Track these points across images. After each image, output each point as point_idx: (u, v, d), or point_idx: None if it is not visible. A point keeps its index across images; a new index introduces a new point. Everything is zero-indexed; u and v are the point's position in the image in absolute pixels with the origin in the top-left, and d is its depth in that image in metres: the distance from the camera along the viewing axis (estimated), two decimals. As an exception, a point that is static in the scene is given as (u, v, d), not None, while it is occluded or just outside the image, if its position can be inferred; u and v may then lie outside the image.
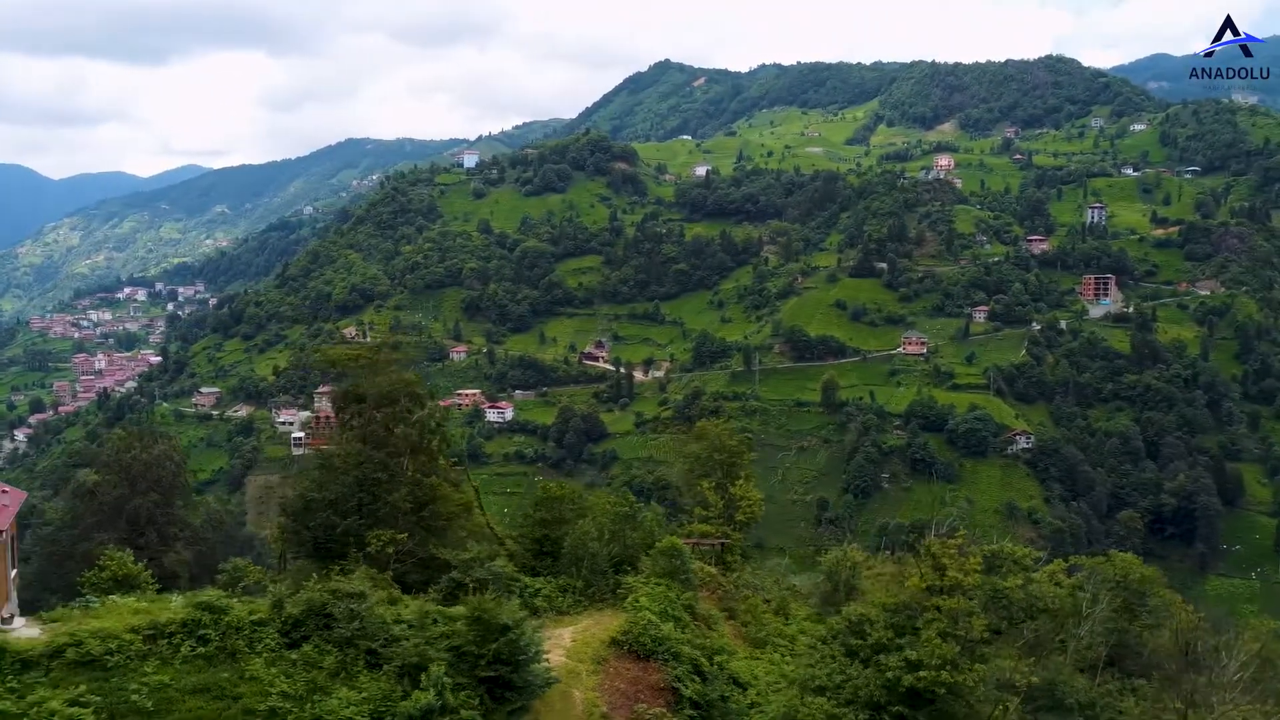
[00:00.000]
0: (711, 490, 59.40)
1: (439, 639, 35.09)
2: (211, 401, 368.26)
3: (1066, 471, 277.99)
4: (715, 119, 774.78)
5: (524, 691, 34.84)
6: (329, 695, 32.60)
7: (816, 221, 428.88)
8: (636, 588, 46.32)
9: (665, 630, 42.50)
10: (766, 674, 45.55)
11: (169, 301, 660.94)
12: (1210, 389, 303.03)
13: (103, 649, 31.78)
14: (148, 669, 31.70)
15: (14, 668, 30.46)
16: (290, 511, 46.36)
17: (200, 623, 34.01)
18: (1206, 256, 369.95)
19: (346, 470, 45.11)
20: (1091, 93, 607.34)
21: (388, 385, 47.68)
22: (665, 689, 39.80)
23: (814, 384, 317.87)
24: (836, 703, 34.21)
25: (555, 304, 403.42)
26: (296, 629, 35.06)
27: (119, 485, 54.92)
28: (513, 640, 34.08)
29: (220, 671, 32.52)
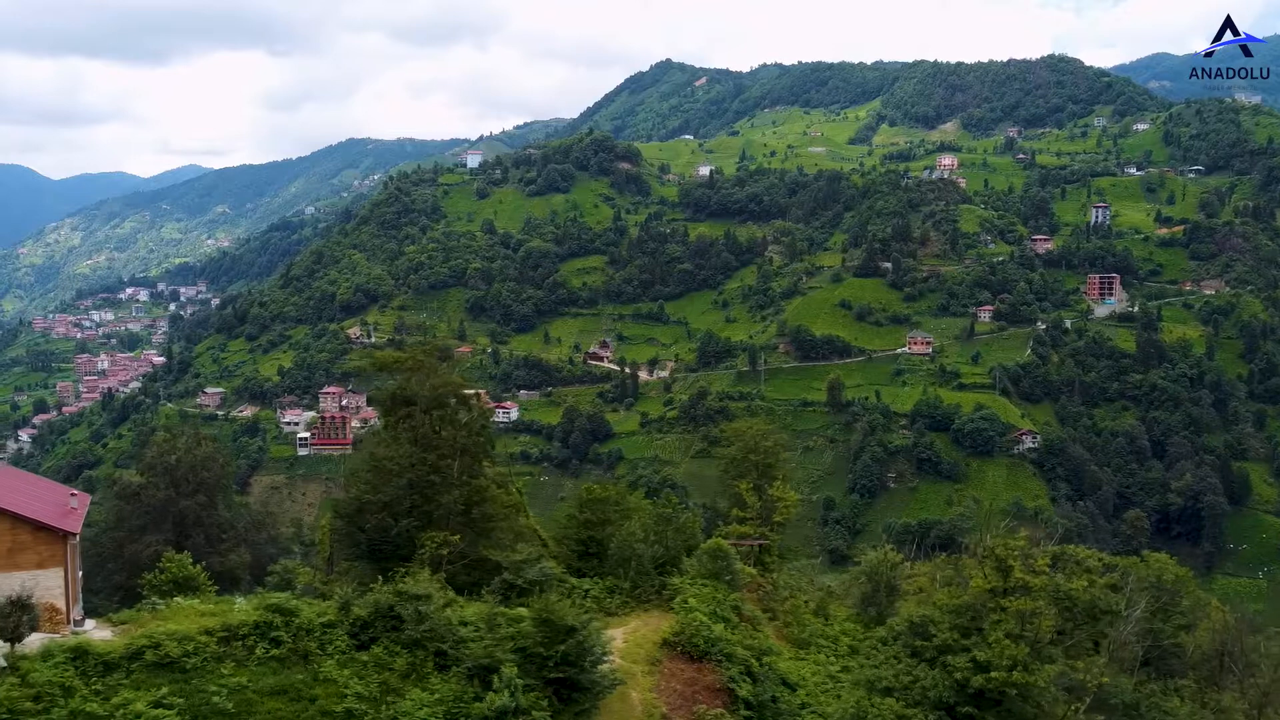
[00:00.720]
0: (749, 491, 59.57)
1: (506, 640, 35.24)
2: (216, 402, 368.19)
3: (1073, 471, 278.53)
4: (717, 119, 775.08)
5: (591, 693, 35.04)
6: (402, 697, 32.83)
7: (820, 221, 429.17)
8: (683, 588, 46.50)
9: (717, 631, 42.71)
10: (813, 675, 45.72)
11: (171, 302, 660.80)
12: (1216, 388, 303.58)
13: (180, 651, 32.00)
14: (224, 671, 31.93)
15: (97, 669, 30.69)
16: (344, 514, 46.54)
17: (272, 625, 34.22)
18: (1211, 256, 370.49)
19: (399, 473, 45.29)
20: (1094, 92, 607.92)
21: (437, 388, 47.83)
22: (721, 690, 39.99)
23: (819, 384, 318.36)
24: (905, 703, 34.44)
25: (559, 304, 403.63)
26: (364, 630, 35.29)
27: (165, 487, 55.18)
28: (580, 641, 34.30)
29: (294, 673, 32.74)
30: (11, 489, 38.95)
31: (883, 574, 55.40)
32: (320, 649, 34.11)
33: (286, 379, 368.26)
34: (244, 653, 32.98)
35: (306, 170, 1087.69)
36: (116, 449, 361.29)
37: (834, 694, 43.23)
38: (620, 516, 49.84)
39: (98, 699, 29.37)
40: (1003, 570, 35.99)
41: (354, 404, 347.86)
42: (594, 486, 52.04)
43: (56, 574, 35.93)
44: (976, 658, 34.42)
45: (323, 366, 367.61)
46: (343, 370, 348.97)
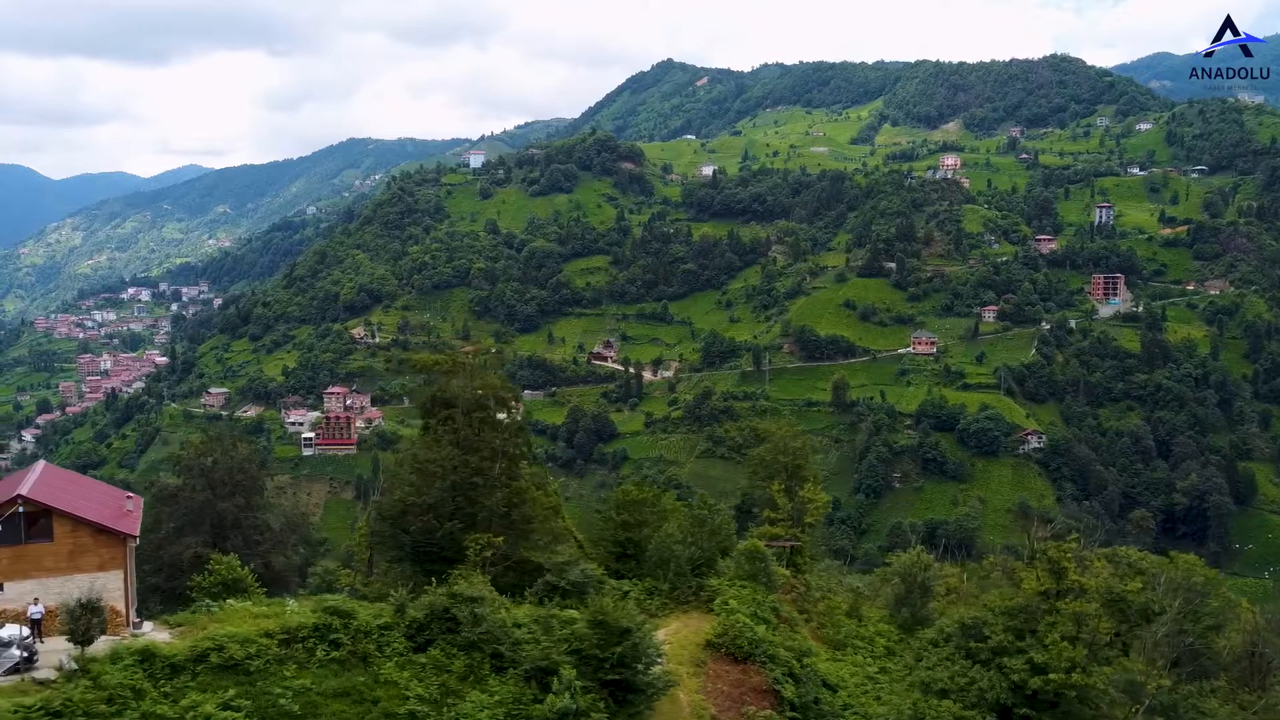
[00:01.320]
0: (781, 493, 59.64)
1: (561, 642, 35.37)
2: (220, 402, 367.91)
3: (1078, 471, 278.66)
4: (719, 119, 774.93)
5: (645, 694, 35.16)
6: (462, 699, 32.98)
7: (824, 221, 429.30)
8: (722, 590, 46.62)
9: (760, 633, 42.82)
10: (852, 677, 45.83)
11: (173, 302, 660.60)
12: (1221, 388, 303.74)
13: (243, 653, 32.14)
14: (287, 673, 32.06)
15: (164, 672, 30.80)
16: (387, 516, 46.62)
17: (331, 627, 34.36)
18: (1215, 256, 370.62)
19: (442, 475, 45.37)
20: (1096, 92, 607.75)
21: (477, 390, 47.92)
22: (767, 692, 40.09)
23: (824, 384, 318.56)
24: (962, 705, 34.54)
25: (563, 304, 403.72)
26: (420, 633, 35.42)
27: (202, 489, 55.24)
28: (634, 643, 34.42)
29: (356, 675, 32.89)
30: (71, 492, 39.07)
31: (916, 575, 55.47)
32: (378, 651, 34.26)
33: (290, 379, 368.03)
34: (305, 655, 33.13)
35: (307, 170, 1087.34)
36: (121, 449, 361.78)
37: (874, 695, 43.32)
38: (657, 518, 49.93)
39: (167, 701, 29.51)
40: (1055, 572, 36.10)
41: (358, 404, 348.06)
42: (630, 488, 52.18)
43: (117, 576, 36.05)
44: (1034, 659, 34.54)
45: (327, 367, 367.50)
46: (387, 369, 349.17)
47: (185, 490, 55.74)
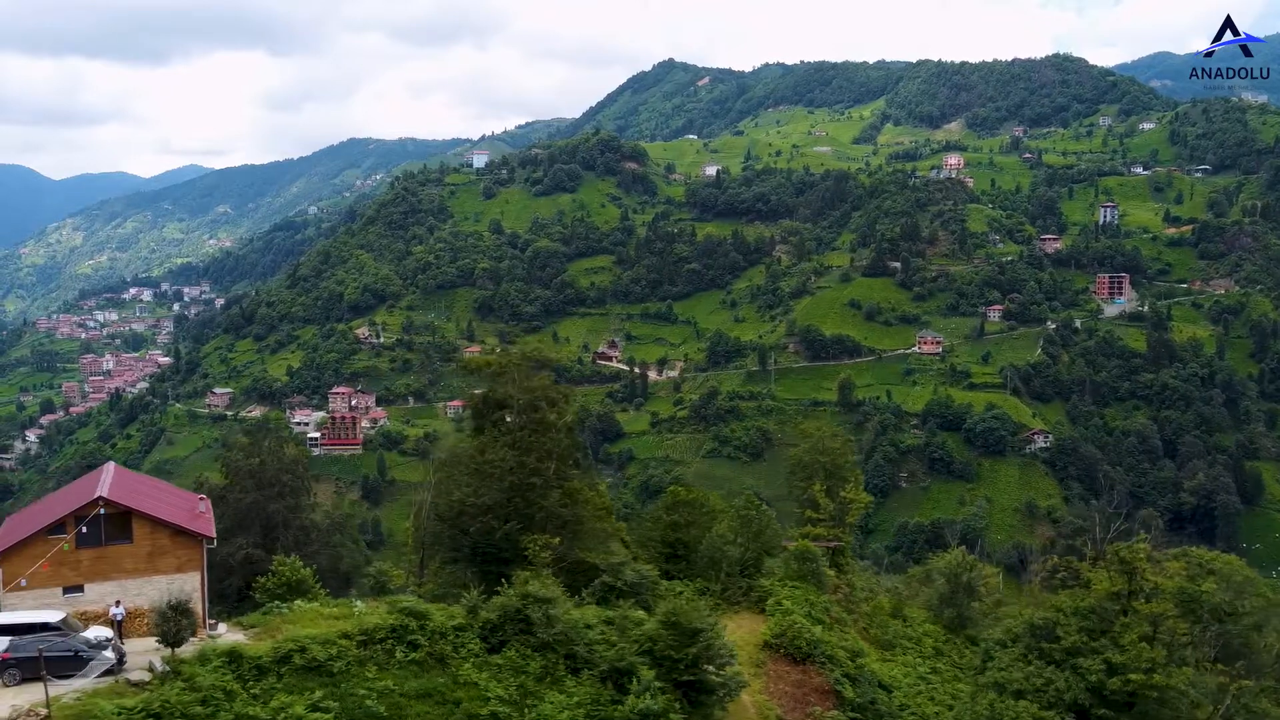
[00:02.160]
0: (823, 493, 59.60)
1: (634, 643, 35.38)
2: (225, 402, 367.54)
3: (1085, 470, 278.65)
4: (721, 118, 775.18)
5: (718, 695, 35.18)
6: (540, 700, 33.01)
7: (828, 221, 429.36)
8: (775, 590, 46.60)
9: (817, 633, 42.83)
10: (905, 677, 45.84)
11: (175, 302, 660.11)
12: (1227, 388, 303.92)
13: (325, 655, 32.18)
14: (368, 674, 32.12)
15: (251, 673, 30.82)
16: (445, 517, 46.60)
17: (407, 628, 34.38)
18: (1220, 255, 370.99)
19: (500, 476, 45.37)
20: (1099, 91, 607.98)
21: (532, 392, 47.94)
22: (828, 692, 40.11)
23: (829, 383, 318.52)
24: (1040, 705, 34.56)
25: (568, 304, 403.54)
26: (494, 634, 35.44)
27: (251, 490, 55.18)
28: (708, 643, 34.43)
29: (435, 676, 32.95)
30: (146, 494, 39.03)
31: (961, 575, 55.44)
32: (454, 652, 34.28)
33: (295, 379, 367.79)
34: (384, 656, 33.16)
35: (308, 170, 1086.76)
36: (125, 449, 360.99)
37: (927, 695, 43.32)
38: (707, 519, 49.91)
39: (257, 703, 29.55)
40: (1127, 573, 36.14)
41: (363, 404, 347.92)
42: (679, 489, 52.18)
43: (194, 578, 36.06)
44: (1111, 660, 34.54)
45: (331, 367, 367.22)
46: (452, 372, 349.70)
47: (233, 491, 55.75)
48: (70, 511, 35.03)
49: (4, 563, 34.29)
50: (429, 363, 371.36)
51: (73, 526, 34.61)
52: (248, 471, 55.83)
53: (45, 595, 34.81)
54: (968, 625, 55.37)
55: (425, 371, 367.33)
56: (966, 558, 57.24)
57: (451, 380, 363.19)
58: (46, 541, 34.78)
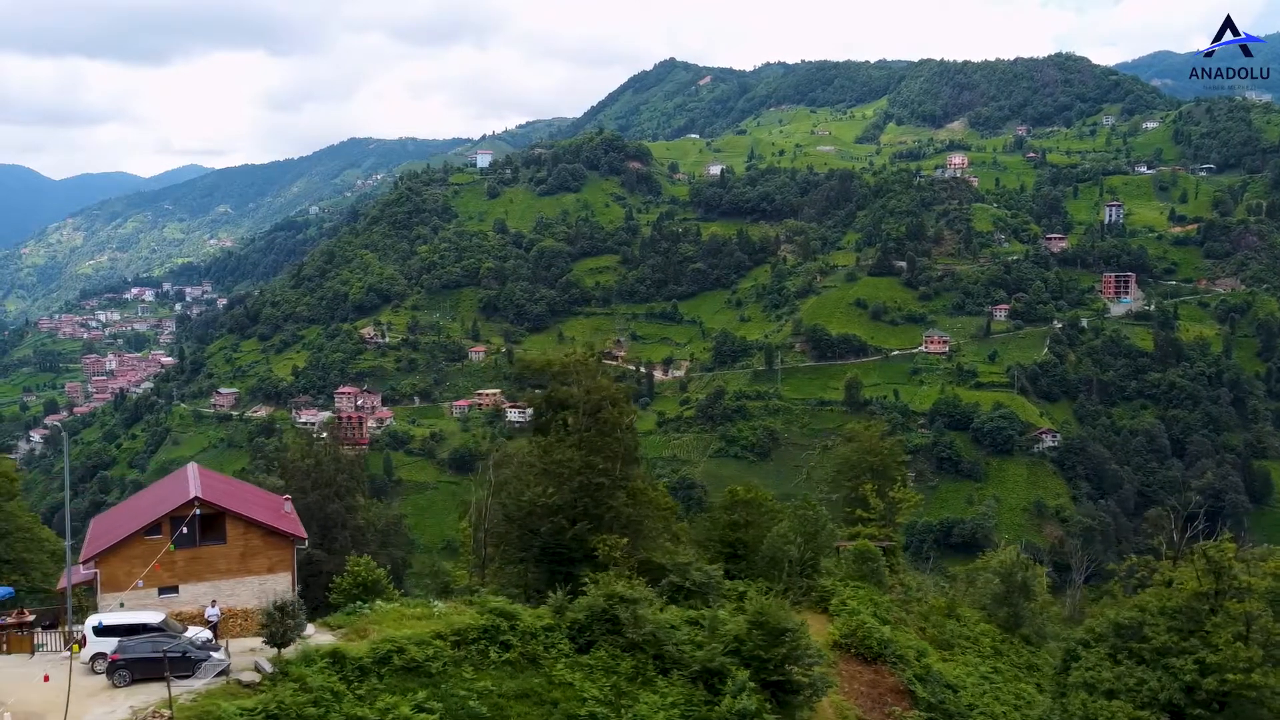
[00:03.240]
0: (874, 494, 59.57)
1: (722, 644, 35.35)
2: (230, 402, 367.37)
3: (1093, 470, 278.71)
4: (722, 118, 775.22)
5: (806, 695, 35.14)
6: (635, 700, 32.99)
7: (833, 220, 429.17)
8: (837, 590, 46.58)
9: (885, 633, 42.80)
10: (968, 677, 45.77)
11: (176, 302, 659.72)
12: (1235, 386, 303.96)
13: (423, 655, 32.18)
14: (466, 674, 32.15)
15: (354, 674, 30.78)
16: (515, 517, 46.53)
17: (499, 629, 34.35)
18: (1225, 254, 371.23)
19: (569, 477, 45.34)
20: (1101, 91, 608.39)
21: (596, 393, 47.90)
22: (902, 692, 40.09)
23: (836, 383, 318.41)
24: (1135, 705, 34.50)
25: (573, 303, 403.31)
26: (581, 634, 35.41)
27: (309, 490, 55.08)
28: (795, 643, 34.40)
29: (531, 677, 32.94)
30: (235, 494, 38.98)
31: (1016, 575, 55.40)
32: (545, 652, 34.26)
33: (301, 379, 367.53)
34: (478, 656, 33.14)
35: (308, 170, 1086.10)
36: (130, 449, 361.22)
37: (992, 695, 43.27)
38: (767, 519, 49.85)
39: (363, 703, 29.54)
40: (1215, 572, 36.10)
41: (369, 404, 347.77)
42: (738, 489, 52.10)
43: (285, 579, 36.02)
44: (1204, 659, 34.50)
45: (337, 366, 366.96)
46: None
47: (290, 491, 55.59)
48: (166, 513, 34.98)
49: (102, 564, 34.25)
50: (434, 362, 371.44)
51: (169, 527, 34.56)
52: (304, 472, 55.80)
53: (141, 596, 34.77)
54: (1022, 625, 55.48)
55: (431, 371, 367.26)
56: (1020, 557, 57.31)
57: (457, 380, 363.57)
58: (144, 542, 34.75)
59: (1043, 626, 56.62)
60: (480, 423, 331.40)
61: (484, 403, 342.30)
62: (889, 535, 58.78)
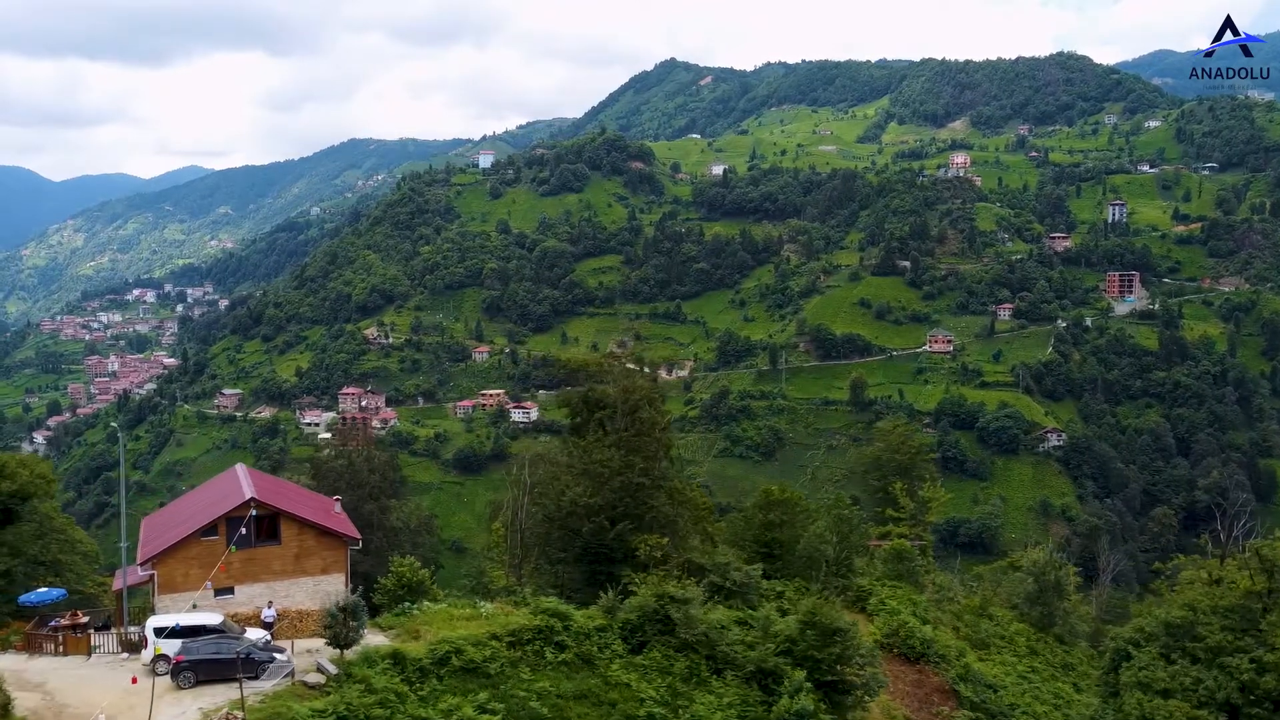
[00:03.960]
0: (903, 493, 59.46)
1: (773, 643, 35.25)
2: (234, 403, 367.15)
3: (1099, 469, 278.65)
4: (724, 118, 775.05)
5: (858, 694, 35.06)
6: (691, 700, 32.91)
7: (836, 220, 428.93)
8: (875, 590, 46.49)
9: (927, 633, 42.72)
10: (1006, 676, 45.67)
11: (178, 303, 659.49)
12: (1239, 385, 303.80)
13: (481, 656, 32.09)
14: (524, 675, 32.06)
15: (415, 675, 30.71)
16: (555, 518, 46.42)
17: (553, 630, 34.27)
18: (1230, 253, 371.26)
19: (609, 477, 45.22)
20: (1103, 90, 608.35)
21: (633, 393, 47.78)
22: (947, 692, 39.99)
23: (840, 382, 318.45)
24: (1192, 705, 34.43)
25: (576, 304, 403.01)
26: (634, 634, 35.31)
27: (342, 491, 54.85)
28: (848, 643, 34.31)
29: (588, 677, 32.85)
30: (287, 495, 38.88)
31: (1049, 574, 55.32)
32: (599, 652, 34.18)
33: (304, 380, 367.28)
34: (534, 657, 33.06)
35: (308, 171, 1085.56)
36: (134, 450, 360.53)
37: (1031, 694, 43.17)
38: (803, 518, 49.75)
39: (426, 704, 29.48)
40: (1268, 571, 36.01)
41: (373, 404, 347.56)
42: (772, 489, 51.99)
43: (338, 580, 35.96)
44: (1262, 659, 34.40)
45: (341, 367, 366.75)
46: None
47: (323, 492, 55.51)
48: (223, 514, 34.87)
49: (158, 566, 34.14)
50: (438, 363, 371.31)
51: (225, 528, 34.46)
52: (337, 473, 55.66)
53: (197, 597, 34.65)
54: (1055, 624, 55.39)
55: (434, 372, 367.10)
56: (1054, 557, 57.20)
57: (461, 380, 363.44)
58: (200, 543, 34.66)
59: (1074, 626, 56.65)
60: (484, 423, 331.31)
61: (488, 403, 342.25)
62: (919, 535, 58.72)
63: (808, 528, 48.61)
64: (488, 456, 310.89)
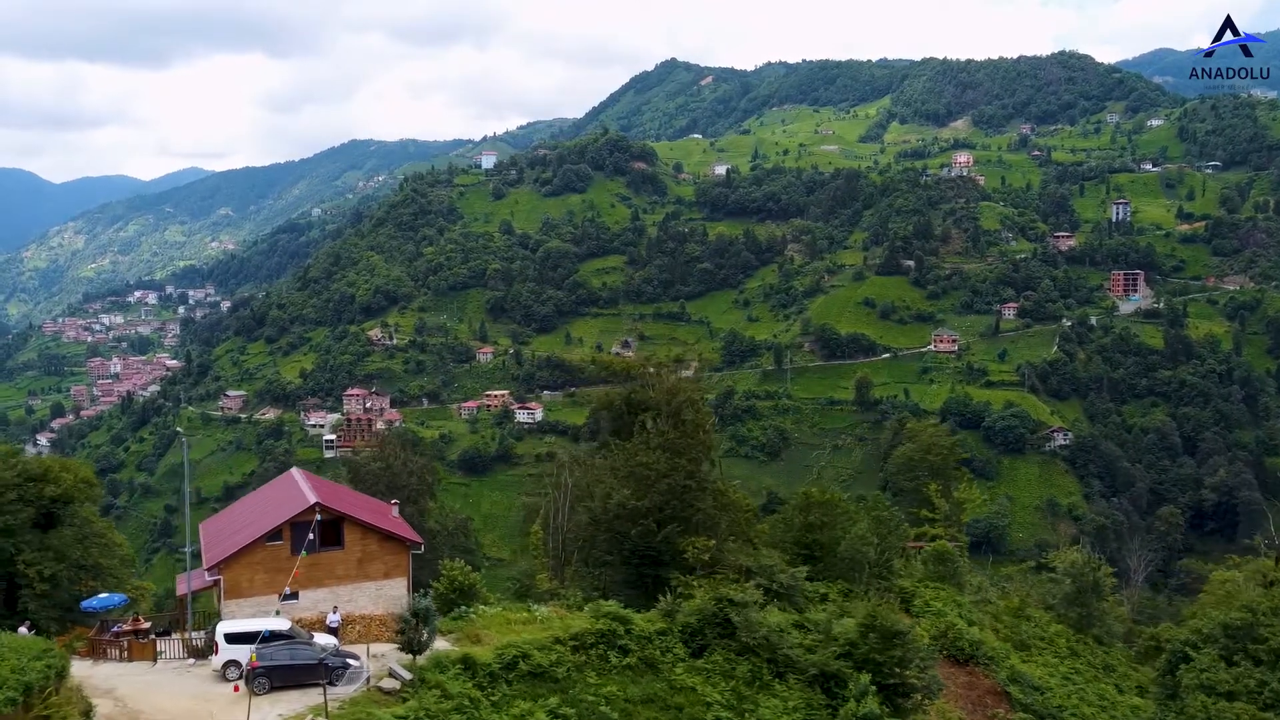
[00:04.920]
0: (938, 494, 59.33)
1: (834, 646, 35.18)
2: (238, 405, 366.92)
3: (1105, 468, 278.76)
4: (725, 118, 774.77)
5: (919, 698, 34.97)
6: (755, 704, 32.82)
7: (839, 220, 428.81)
8: (919, 592, 46.38)
9: (974, 635, 42.61)
10: (1051, 678, 45.56)
11: (180, 305, 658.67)
12: (1245, 384, 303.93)
13: (547, 661, 32.01)
14: (590, 679, 31.98)
15: (486, 680, 30.63)
16: (602, 520, 46.29)
17: (615, 634, 34.18)
18: (1234, 251, 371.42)
19: (655, 480, 45.08)
20: (1105, 89, 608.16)
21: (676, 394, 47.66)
22: (999, 694, 39.92)
23: (846, 382, 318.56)
24: (1258, 707, 34.38)
25: (580, 304, 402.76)
26: (694, 638, 35.24)
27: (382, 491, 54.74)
28: (909, 646, 34.24)
29: (653, 682, 32.76)
30: (347, 499, 38.75)
31: (1088, 575, 55.22)
32: (661, 656, 34.11)
33: (309, 381, 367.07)
34: (599, 661, 32.97)
35: (309, 172, 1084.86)
36: (139, 452, 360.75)
37: (1076, 696, 43.09)
38: (845, 520, 49.64)
39: (498, 710, 29.40)
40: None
41: (378, 405, 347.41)
42: (813, 490, 51.87)
43: (400, 584, 35.87)
44: (1325, 661, 34.39)
45: (345, 368, 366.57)
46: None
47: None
48: (287, 519, 34.77)
49: (224, 571, 34.05)
50: (442, 364, 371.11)
51: (290, 534, 34.36)
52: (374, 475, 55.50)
53: (263, 603, 34.58)
54: (1093, 625, 55.29)
55: (438, 373, 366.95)
56: (1092, 558, 57.10)
57: (465, 381, 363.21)
58: (265, 549, 34.54)
59: (1111, 626, 56.57)
60: (489, 424, 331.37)
61: (492, 404, 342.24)
62: (954, 536, 58.58)
63: (848, 529, 48.51)
64: (493, 457, 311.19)
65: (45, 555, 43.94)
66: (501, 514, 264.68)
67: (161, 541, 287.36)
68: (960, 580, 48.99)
